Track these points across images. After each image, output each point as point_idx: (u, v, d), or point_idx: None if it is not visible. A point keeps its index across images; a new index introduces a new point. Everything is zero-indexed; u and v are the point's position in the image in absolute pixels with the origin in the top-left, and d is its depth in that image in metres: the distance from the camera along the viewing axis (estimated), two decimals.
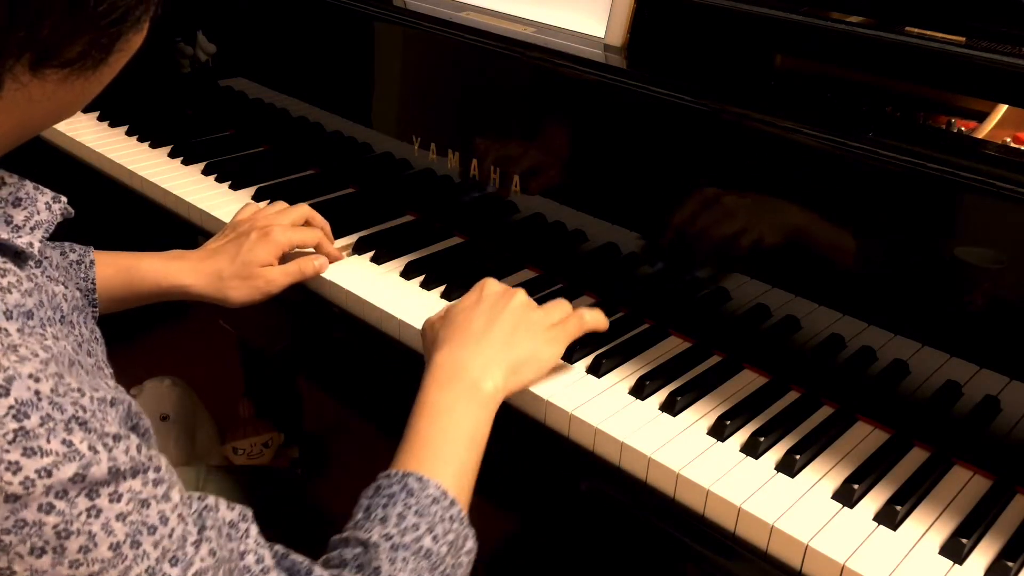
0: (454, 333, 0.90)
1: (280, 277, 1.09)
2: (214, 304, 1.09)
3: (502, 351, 0.88)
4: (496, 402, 0.86)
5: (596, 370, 0.96)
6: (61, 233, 1.09)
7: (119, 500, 0.55)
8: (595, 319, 0.97)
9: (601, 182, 1.07)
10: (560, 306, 0.97)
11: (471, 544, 0.78)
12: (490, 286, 0.95)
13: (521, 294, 0.94)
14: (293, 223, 1.13)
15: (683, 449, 0.86)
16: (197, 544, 0.60)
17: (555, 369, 0.96)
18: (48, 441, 0.52)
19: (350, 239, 1.20)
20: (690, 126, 0.97)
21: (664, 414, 0.91)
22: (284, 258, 1.11)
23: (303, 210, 1.16)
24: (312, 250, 1.14)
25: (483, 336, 0.89)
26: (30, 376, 0.52)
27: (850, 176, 0.86)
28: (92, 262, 1.03)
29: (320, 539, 1.21)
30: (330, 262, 1.15)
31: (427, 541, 0.74)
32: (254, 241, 1.09)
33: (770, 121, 0.90)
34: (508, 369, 0.88)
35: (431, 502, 0.76)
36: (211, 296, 1.08)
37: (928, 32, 0.91)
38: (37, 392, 0.52)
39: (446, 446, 0.81)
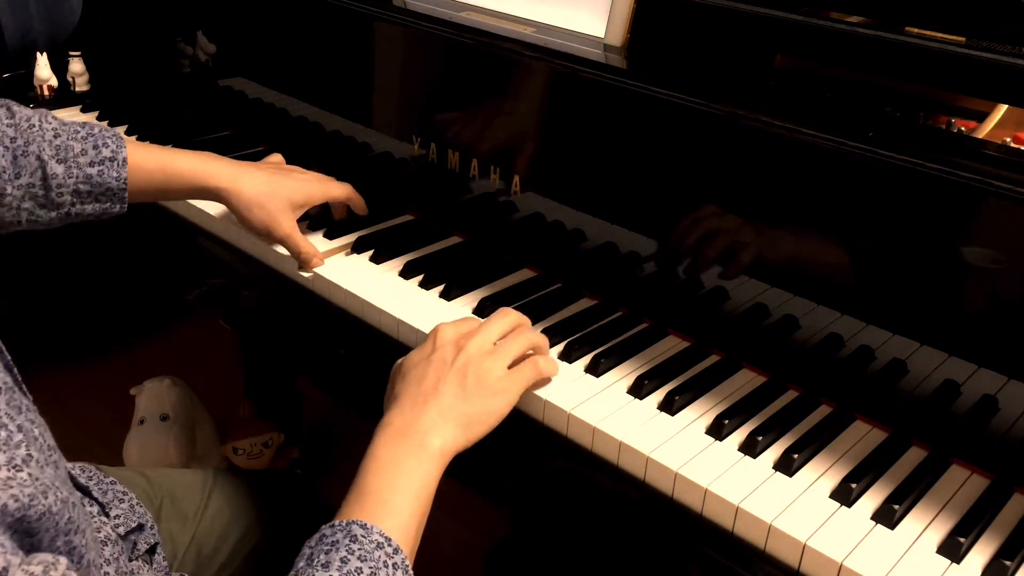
0: (406, 389, 0.88)
1: (288, 231, 1.12)
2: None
3: (452, 408, 0.86)
4: (444, 458, 0.84)
5: (595, 369, 0.96)
6: (61, 231, 1.10)
7: None
8: (549, 367, 0.94)
9: (601, 182, 1.07)
10: (518, 341, 0.93)
11: None
12: (443, 334, 0.91)
13: (475, 341, 0.90)
14: (329, 179, 1.19)
15: (681, 448, 0.86)
16: None
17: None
18: None
19: (349, 238, 1.20)
20: (690, 126, 0.97)
21: (662, 413, 0.91)
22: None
23: (333, 181, 1.22)
24: None
25: (432, 393, 0.86)
26: None
27: (850, 176, 0.86)
28: (125, 160, 1.06)
29: None
30: (357, 212, 1.23)
31: None
32: (295, 178, 1.16)
33: (770, 121, 0.90)
34: (458, 426, 0.85)
35: (375, 547, 0.74)
36: (236, 205, 1.12)
37: (928, 32, 0.91)
38: None
39: (394, 497, 0.79)
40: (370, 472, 0.82)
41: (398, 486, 0.80)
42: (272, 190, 1.13)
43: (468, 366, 0.88)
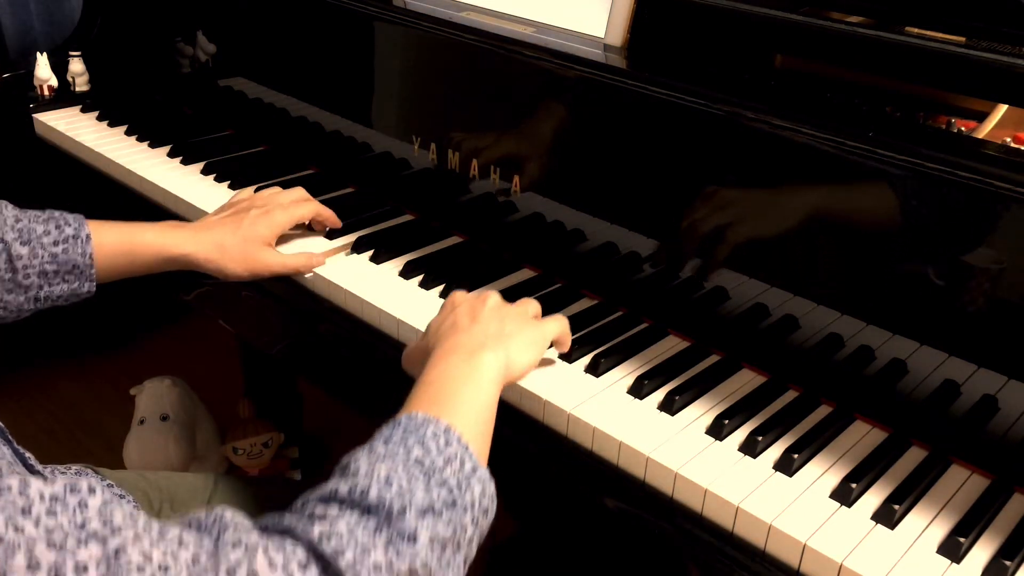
0: (444, 335, 0.87)
1: (276, 264, 1.12)
2: (206, 275, 1.11)
3: (495, 334, 0.86)
4: (498, 371, 0.82)
5: (595, 369, 0.96)
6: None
7: None
8: (562, 326, 0.95)
9: (601, 182, 1.07)
10: (530, 303, 0.96)
11: (483, 474, 0.71)
12: (459, 295, 0.93)
13: (495, 295, 0.93)
14: (291, 201, 1.17)
15: (681, 448, 0.86)
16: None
17: (554, 368, 0.96)
18: None
19: (349, 238, 1.20)
20: (690, 126, 0.97)
21: (662, 413, 0.91)
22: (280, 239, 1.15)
23: (299, 191, 1.20)
24: (311, 242, 1.15)
25: (471, 325, 0.87)
26: None
27: (850, 176, 0.86)
28: (88, 236, 1.04)
29: None
30: (329, 226, 1.21)
31: (418, 452, 0.69)
32: (254, 217, 1.12)
33: (770, 121, 0.90)
34: (505, 347, 0.85)
35: (419, 425, 0.71)
36: (210, 266, 1.10)
37: (928, 32, 0.91)
38: None
39: (458, 395, 0.77)
40: (428, 378, 0.80)
41: (451, 391, 0.78)
42: (237, 240, 1.11)
43: (496, 307, 0.90)
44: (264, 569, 0.58)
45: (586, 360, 0.98)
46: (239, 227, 1.12)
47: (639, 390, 0.94)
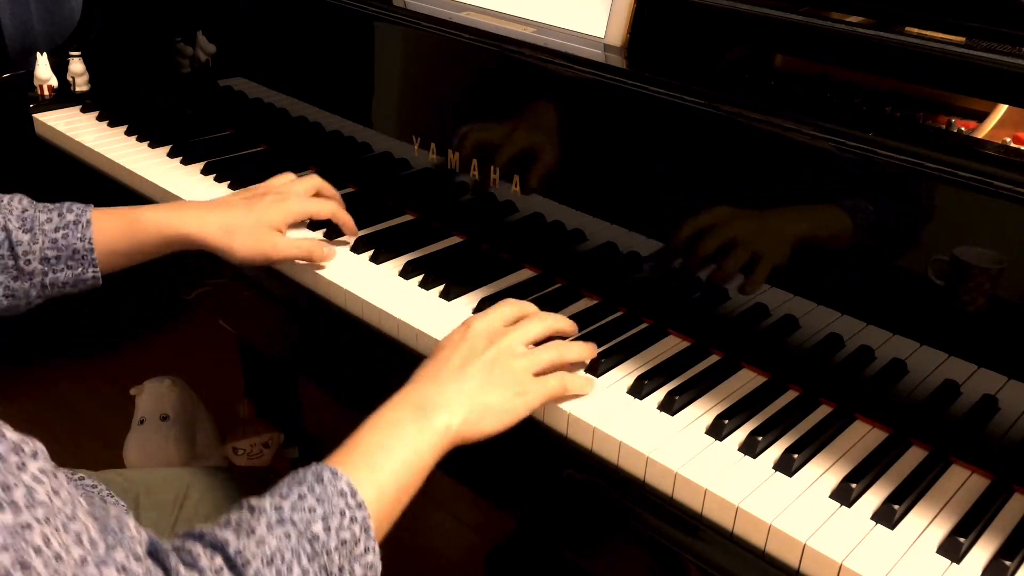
0: (429, 365, 0.87)
1: (288, 247, 1.10)
2: (214, 256, 1.09)
3: (471, 394, 0.85)
4: (447, 439, 0.82)
5: (594, 369, 0.96)
6: None
7: None
8: (578, 385, 0.92)
9: (600, 182, 1.07)
10: (551, 351, 0.92)
11: (372, 558, 0.73)
12: (476, 325, 0.91)
13: (509, 339, 0.90)
14: (306, 192, 1.16)
15: (681, 448, 0.86)
16: None
17: None
18: None
19: (349, 238, 1.20)
20: (689, 126, 0.97)
21: (662, 413, 0.91)
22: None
23: (315, 180, 1.18)
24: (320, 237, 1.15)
25: (455, 374, 0.86)
26: None
27: (850, 176, 0.86)
28: (89, 221, 1.03)
29: None
30: (347, 232, 1.18)
31: (318, 527, 0.70)
32: (269, 202, 1.11)
33: (769, 121, 0.90)
34: (469, 411, 0.84)
35: (337, 494, 0.72)
36: (215, 246, 1.07)
37: (928, 32, 0.91)
38: None
39: (379, 455, 0.77)
40: (364, 428, 0.80)
41: (388, 446, 0.78)
42: (249, 223, 1.09)
43: (497, 360, 0.88)
44: None
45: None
46: (252, 210, 1.10)
47: (639, 390, 0.94)
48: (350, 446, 0.79)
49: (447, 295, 1.09)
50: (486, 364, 0.87)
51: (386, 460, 0.77)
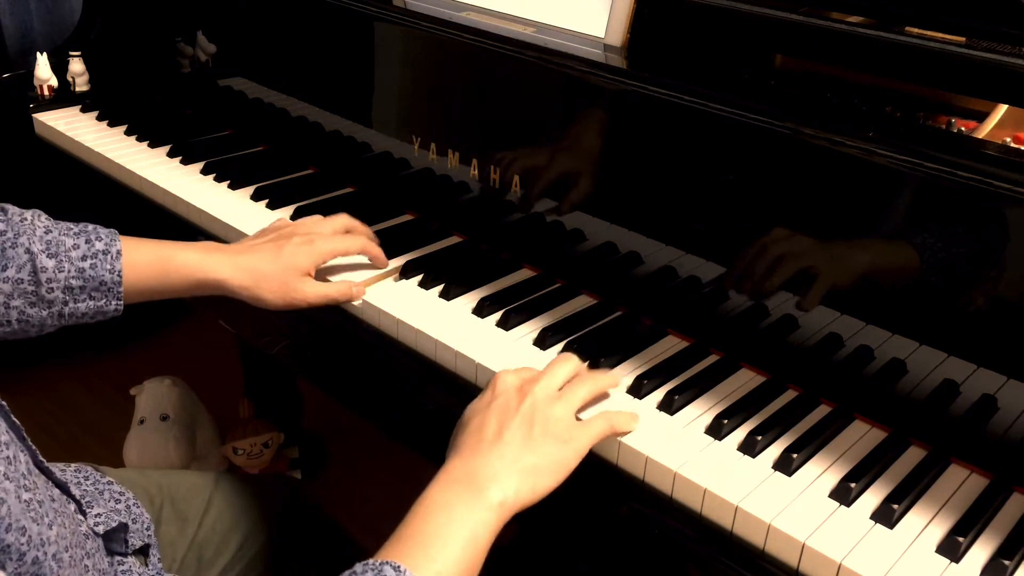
0: (466, 440, 0.82)
1: (316, 296, 1.07)
2: (242, 302, 1.06)
3: (517, 458, 0.80)
4: (504, 512, 0.78)
5: (594, 369, 0.96)
6: None
7: None
8: (624, 423, 0.88)
9: (600, 182, 1.07)
10: (584, 386, 0.89)
11: None
12: (503, 380, 0.86)
13: (541, 385, 0.86)
14: (334, 231, 1.11)
15: (680, 448, 0.86)
16: None
17: None
18: None
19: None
20: (690, 126, 0.97)
21: (662, 413, 0.91)
22: (319, 273, 1.10)
23: (343, 219, 1.14)
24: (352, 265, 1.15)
25: (496, 441, 0.81)
26: None
27: (850, 176, 0.86)
28: (119, 252, 0.99)
29: (328, 549, 1.21)
30: (377, 265, 1.14)
31: None
32: (296, 245, 1.06)
33: (769, 121, 0.90)
34: (523, 478, 0.79)
35: None
36: (245, 294, 1.05)
37: (928, 32, 0.91)
38: None
39: (436, 543, 0.73)
40: (417, 516, 0.76)
41: (444, 534, 0.74)
42: (276, 269, 1.05)
43: (535, 412, 0.83)
44: None
45: (585, 360, 0.98)
46: (279, 255, 1.05)
47: (639, 390, 0.93)
48: (403, 537, 0.75)
49: (447, 295, 1.09)
50: (524, 420, 0.82)
51: (446, 549, 0.74)
